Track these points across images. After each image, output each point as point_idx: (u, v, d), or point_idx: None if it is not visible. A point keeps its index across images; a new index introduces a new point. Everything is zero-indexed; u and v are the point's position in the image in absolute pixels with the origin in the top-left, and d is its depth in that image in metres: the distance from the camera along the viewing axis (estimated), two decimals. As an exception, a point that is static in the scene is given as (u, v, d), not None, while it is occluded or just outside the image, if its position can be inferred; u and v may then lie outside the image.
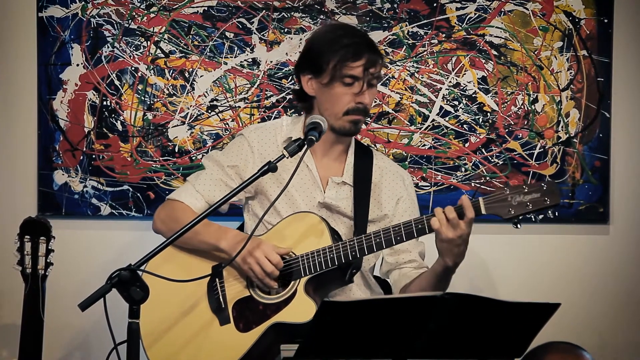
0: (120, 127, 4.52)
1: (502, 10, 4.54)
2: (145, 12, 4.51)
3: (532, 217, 3.42)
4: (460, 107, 4.54)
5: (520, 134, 4.55)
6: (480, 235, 4.55)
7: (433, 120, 4.54)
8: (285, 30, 4.52)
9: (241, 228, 3.80)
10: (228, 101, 4.52)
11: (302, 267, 3.46)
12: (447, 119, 4.54)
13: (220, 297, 3.52)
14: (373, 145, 4.48)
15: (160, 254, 3.10)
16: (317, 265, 3.44)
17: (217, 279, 3.54)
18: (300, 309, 3.37)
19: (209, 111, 4.52)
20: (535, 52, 4.54)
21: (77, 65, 4.51)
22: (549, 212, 3.44)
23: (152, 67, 4.51)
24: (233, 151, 3.69)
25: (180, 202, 3.65)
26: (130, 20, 4.50)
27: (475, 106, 4.55)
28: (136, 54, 4.51)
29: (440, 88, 4.54)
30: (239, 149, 3.67)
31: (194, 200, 3.65)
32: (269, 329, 3.44)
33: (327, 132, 3.57)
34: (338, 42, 3.52)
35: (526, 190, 3.36)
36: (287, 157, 3.32)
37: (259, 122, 4.48)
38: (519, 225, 3.37)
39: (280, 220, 3.58)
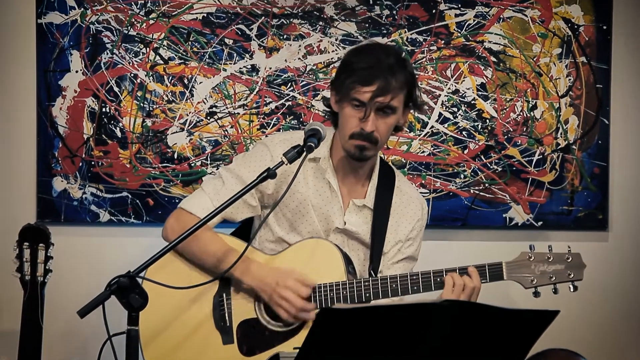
0: (119, 134, 4.52)
1: (501, 16, 4.54)
2: (145, 18, 4.51)
3: (553, 289, 3.45)
4: (459, 114, 4.55)
5: (519, 141, 4.55)
6: (480, 242, 4.57)
7: (432, 126, 4.54)
8: (285, 36, 4.52)
9: (239, 231, 3.77)
10: (227, 108, 4.52)
11: (314, 299, 3.45)
12: (446, 125, 4.54)
13: (226, 314, 3.50)
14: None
15: (164, 257, 3.09)
16: (329, 301, 3.43)
17: (224, 294, 3.52)
18: None
19: (208, 118, 4.52)
20: (534, 59, 4.55)
21: (77, 71, 4.51)
22: (571, 285, 3.46)
23: (151, 73, 4.51)
24: (255, 166, 3.56)
25: (197, 218, 3.47)
26: (129, 27, 4.51)
27: (474, 113, 4.55)
28: (135, 61, 4.51)
29: (439, 95, 4.54)
30: (261, 163, 3.56)
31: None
32: (272, 357, 3.44)
33: (345, 154, 3.57)
34: (357, 62, 3.46)
35: (550, 259, 3.41)
36: (287, 164, 3.30)
37: (257, 130, 4.48)
38: (539, 295, 3.41)
39: (296, 242, 3.57)
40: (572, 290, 3.44)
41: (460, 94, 4.54)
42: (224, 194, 3.54)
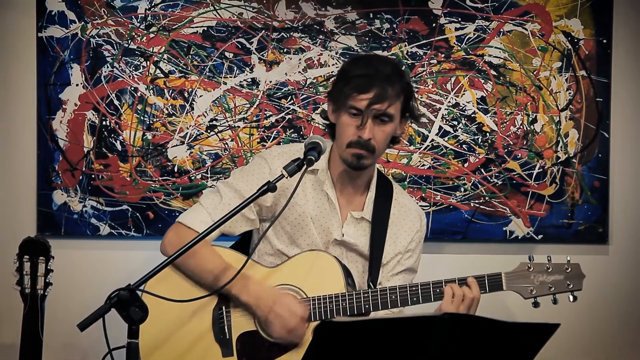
0: (119, 147, 4.52)
1: (501, 30, 4.54)
2: (145, 32, 4.51)
3: (552, 299, 3.46)
4: (460, 127, 4.55)
5: (520, 154, 4.55)
6: (480, 256, 4.56)
7: (432, 140, 4.54)
8: (285, 50, 4.53)
9: (239, 244, 3.77)
10: (227, 121, 4.53)
11: (313, 311, 3.45)
12: (446, 139, 4.54)
13: (226, 326, 3.50)
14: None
15: (165, 270, 3.10)
16: (329, 313, 3.44)
17: (223, 307, 3.52)
18: None
19: (208, 131, 4.52)
20: (534, 73, 4.55)
21: (77, 85, 4.51)
22: (571, 295, 3.47)
23: (151, 87, 4.51)
24: (254, 179, 3.58)
25: (195, 232, 3.49)
26: (129, 41, 4.51)
27: (475, 126, 4.55)
28: (136, 74, 4.51)
29: (440, 108, 4.54)
30: (260, 176, 3.57)
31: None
32: None
33: (343, 166, 3.57)
34: (354, 71, 3.49)
35: (550, 270, 3.42)
36: (287, 177, 3.31)
37: (257, 144, 4.49)
38: (538, 305, 3.42)
39: (295, 254, 3.57)
40: (571, 300, 3.44)
41: (461, 108, 4.54)
42: (222, 209, 3.55)
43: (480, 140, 4.55)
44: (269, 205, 3.58)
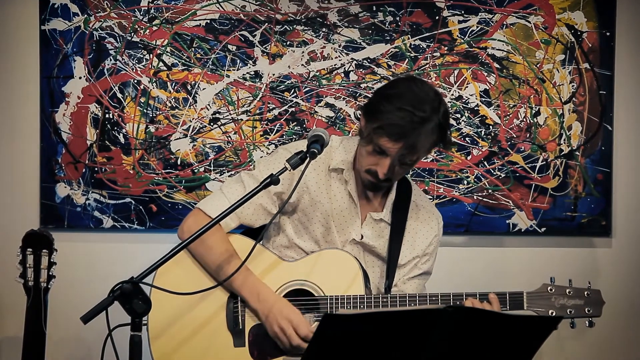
0: (122, 140, 4.52)
1: (504, 23, 4.54)
2: (148, 25, 4.51)
3: (571, 323, 3.49)
4: (463, 120, 4.54)
5: (523, 147, 4.55)
6: (483, 248, 4.56)
7: (435, 133, 4.53)
8: (288, 43, 4.53)
9: (251, 231, 3.75)
10: (230, 114, 4.52)
11: (330, 309, 3.45)
12: (449, 131, 4.53)
13: (240, 317, 3.50)
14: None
15: (180, 254, 3.10)
16: None
17: (238, 297, 3.51)
18: None
19: (211, 124, 4.52)
20: (538, 65, 4.55)
21: (80, 78, 4.51)
22: (588, 321, 3.50)
23: (154, 79, 4.51)
24: (278, 170, 3.49)
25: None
26: (132, 33, 4.51)
27: (478, 119, 4.55)
28: (139, 67, 4.51)
29: (443, 101, 4.54)
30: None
31: (229, 221, 3.54)
32: None
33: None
34: (393, 113, 3.33)
35: (570, 294, 3.44)
36: (290, 170, 3.30)
37: (260, 136, 4.48)
38: (557, 328, 3.43)
39: (316, 251, 3.56)
40: (588, 325, 3.48)
41: (464, 100, 4.54)
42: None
43: (483, 133, 4.55)
44: (292, 201, 3.57)
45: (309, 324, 3.43)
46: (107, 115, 4.51)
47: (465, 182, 4.56)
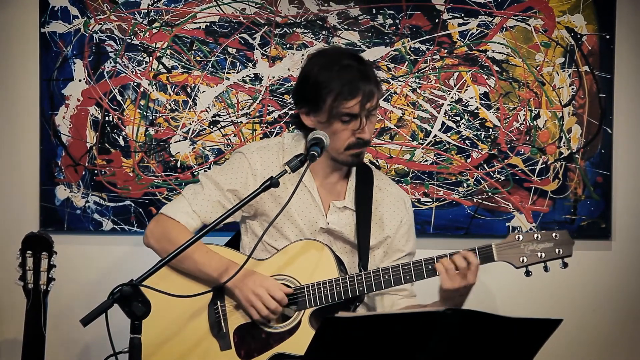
0: (122, 143, 4.52)
1: (504, 26, 4.54)
2: (148, 27, 4.51)
3: (544, 267, 3.46)
4: (462, 123, 4.55)
5: (522, 150, 4.55)
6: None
7: (435, 135, 4.54)
8: (288, 45, 4.53)
9: (233, 242, 3.78)
10: (230, 116, 4.53)
11: (308, 298, 3.46)
12: (449, 134, 4.54)
13: (222, 321, 3.51)
14: (375, 161, 4.49)
15: (164, 268, 3.11)
16: (323, 298, 3.45)
17: (218, 302, 3.53)
18: (304, 340, 3.31)
19: (211, 126, 4.53)
20: (537, 68, 4.55)
21: (80, 80, 4.51)
22: (561, 262, 3.47)
23: (154, 82, 4.52)
24: (233, 173, 3.63)
25: (176, 222, 3.61)
26: (132, 36, 4.51)
27: (477, 122, 4.55)
28: (138, 70, 4.51)
29: (442, 104, 4.54)
30: (239, 170, 3.63)
31: (190, 220, 3.61)
32: (271, 358, 3.45)
33: (328, 159, 3.57)
34: (332, 79, 3.45)
35: (539, 238, 3.42)
36: (290, 173, 3.31)
37: (260, 139, 4.48)
38: (530, 274, 3.42)
39: (286, 245, 3.57)
40: (562, 267, 3.44)
41: (463, 103, 4.54)
42: (201, 198, 3.61)
43: (483, 135, 4.55)
44: (252, 204, 3.59)
45: (283, 287, 3.45)
46: (106, 118, 4.52)
47: (465, 184, 4.56)
